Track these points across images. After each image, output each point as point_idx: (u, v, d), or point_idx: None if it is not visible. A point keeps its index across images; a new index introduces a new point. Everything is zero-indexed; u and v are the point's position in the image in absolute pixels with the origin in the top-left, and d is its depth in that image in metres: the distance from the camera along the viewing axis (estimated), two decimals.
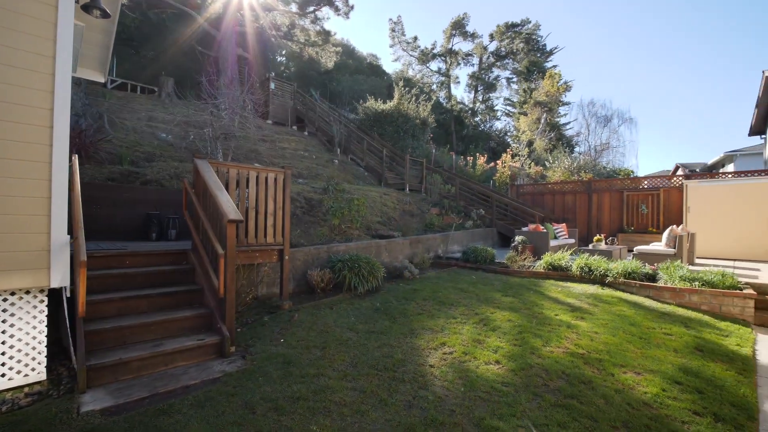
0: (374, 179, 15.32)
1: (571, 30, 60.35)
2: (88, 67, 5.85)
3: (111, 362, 3.11)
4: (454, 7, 58.84)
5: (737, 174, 10.44)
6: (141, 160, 8.95)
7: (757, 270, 7.51)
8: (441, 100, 35.94)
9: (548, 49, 34.83)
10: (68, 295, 3.26)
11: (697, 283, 5.89)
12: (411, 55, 38.77)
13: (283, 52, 29.99)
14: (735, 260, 9.16)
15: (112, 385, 3.06)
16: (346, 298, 5.84)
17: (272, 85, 19.86)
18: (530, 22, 34.62)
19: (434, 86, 38.08)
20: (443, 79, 38.10)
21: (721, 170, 23.44)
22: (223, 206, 3.89)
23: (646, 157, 60.50)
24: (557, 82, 29.34)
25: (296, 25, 24.13)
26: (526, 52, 34.37)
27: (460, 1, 57.81)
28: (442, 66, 38.17)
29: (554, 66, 33.85)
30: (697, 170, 24.42)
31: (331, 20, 30.04)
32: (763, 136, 18.14)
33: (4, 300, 3.00)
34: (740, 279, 6.06)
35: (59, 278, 3.12)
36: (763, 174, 9.83)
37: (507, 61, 36.28)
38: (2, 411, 2.73)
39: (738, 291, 5.58)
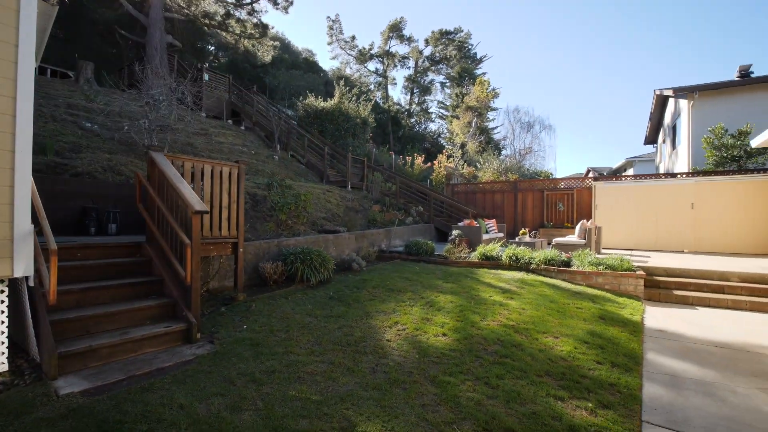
0: (316, 176, 15.43)
1: (498, 40, 64.74)
2: None
3: (80, 349, 3.13)
4: (391, 8, 60.10)
5: (635, 177, 12.24)
6: (66, 150, 8.30)
7: (648, 257, 9.00)
8: (378, 100, 36.69)
9: (478, 56, 37.16)
10: (31, 284, 3.19)
11: (602, 267, 6.99)
12: (349, 54, 39.09)
13: (212, 41, 28.70)
14: (632, 249, 10.81)
15: (83, 371, 3.08)
16: (299, 289, 6.06)
17: (206, 77, 19.06)
18: (462, 31, 36.66)
19: (372, 86, 38.75)
20: (381, 79, 38.92)
21: (623, 174, 26.88)
22: (187, 198, 3.98)
23: (563, 161, 66.80)
24: (486, 89, 31.46)
25: (232, 16, 23.26)
26: (458, 58, 36.33)
27: (397, 5, 59.15)
28: (380, 67, 38.99)
29: (483, 73, 36.22)
30: (605, 173, 27.71)
31: (269, 13, 29.36)
32: (654, 145, 21.20)
33: None
34: (635, 263, 7.30)
35: (23, 268, 3.06)
36: (653, 178, 11.66)
37: (441, 66, 38.04)
38: None
39: (632, 273, 6.74)
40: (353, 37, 38.31)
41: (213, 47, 29.72)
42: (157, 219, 4.61)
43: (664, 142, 18.17)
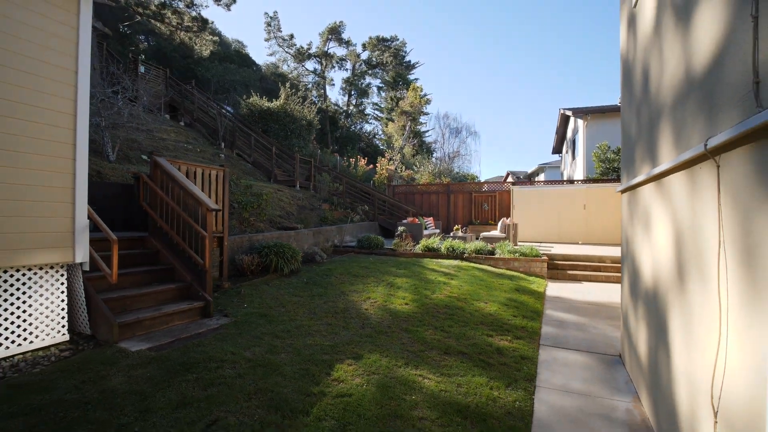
0: (263, 175, 15.92)
1: (430, 50, 68.39)
2: None
3: (131, 321, 3.93)
4: (330, 12, 60.42)
5: (544, 183, 14.72)
6: None
7: (552, 246, 11.23)
8: (315, 99, 37.23)
9: (412, 63, 39.40)
10: (87, 269, 3.89)
11: (517, 254, 8.86)
12: (287, 52, 39.06)
13: (134, 27, 27.18)
14: (541, 241, 13.13)
15: (134, 338, 3.89)
16: (275, 278, 7.02)
17: (141, 68, 18.45)
18: (398, 39, 38.60)
19: (309, 85, 39.18)
20: (319, 79, 39.47)
21: (536, 178, 30.61)
22: (202, 198, 4.84)
23: (487, 164, 72.45)
24: (419, 95, 33.67)
25: (168, 6, 22.52)
26: (394, 64, 38.21)
27: (336, 9, 59.66)
28: (318, 67, 39.51)
29: (416, 79, 38.53)
30: (521, 177, 31.30)
31: (209, 8, 28.47)
32: (560, 154, 24.70)
33: (35, 273, 3.56)
34: (541, 252, 9.31)
35: (81, 255, 3.79)
36: (557, 183, 14.17)
37: (377, 70, 39.65)
38: (52, 361, 3.40)
39: (539, 258, 8.68)
40: (292, 36, 38.36)
41: (129, 30, 28.07)
42: (166, 215, 5.34)
43: (567, 152, 21.44)
